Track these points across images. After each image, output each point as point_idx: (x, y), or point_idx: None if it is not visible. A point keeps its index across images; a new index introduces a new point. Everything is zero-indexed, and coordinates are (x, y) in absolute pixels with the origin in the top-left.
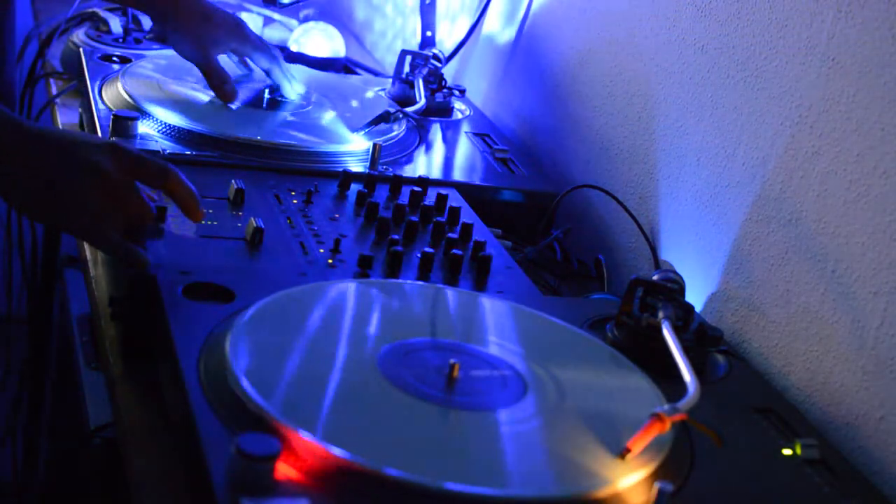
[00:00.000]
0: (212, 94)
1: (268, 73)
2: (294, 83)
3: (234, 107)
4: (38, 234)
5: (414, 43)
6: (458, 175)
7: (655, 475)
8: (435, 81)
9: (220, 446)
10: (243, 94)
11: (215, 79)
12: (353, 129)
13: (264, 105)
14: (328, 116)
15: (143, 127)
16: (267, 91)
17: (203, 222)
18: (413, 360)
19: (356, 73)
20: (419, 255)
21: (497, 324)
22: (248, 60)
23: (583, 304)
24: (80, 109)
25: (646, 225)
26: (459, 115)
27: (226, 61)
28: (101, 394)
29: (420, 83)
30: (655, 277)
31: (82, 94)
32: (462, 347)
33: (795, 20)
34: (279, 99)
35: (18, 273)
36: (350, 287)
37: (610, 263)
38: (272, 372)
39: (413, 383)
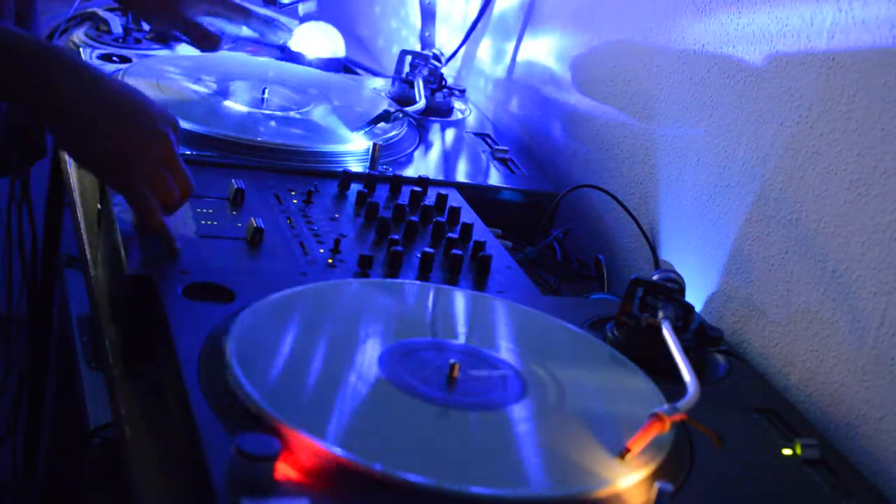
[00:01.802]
0: (209, 94)
1: (247, 26)
2: (276, 31)
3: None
4: (38, 234)
5: (414, 43)
6: (458, 175)
7: (655, 475)
8: (435, 81)
9: (220, 446)
10: (244, 95)
11: (194, 34)
12: (353, 129)
13: (264, 105)
14: (328, 116)
15: None
16: (265, 90)
17: (204, 223)
18: (413, 361)
19: (356, 73)
20: (419, 255)
21: (497, 324)
22: (225, 18)
23: (583, 304)
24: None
25: (646, 225)
26: (459, 115)
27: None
28: (101, 394)
29: (420, 83)
30: (655, 277)
31: None
32: (462, 347)
33: (795, 20)
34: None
35: (18, 273)
36: (350, 287)
37: (610, 263)
38: (272, 372)
39: (413, 383)
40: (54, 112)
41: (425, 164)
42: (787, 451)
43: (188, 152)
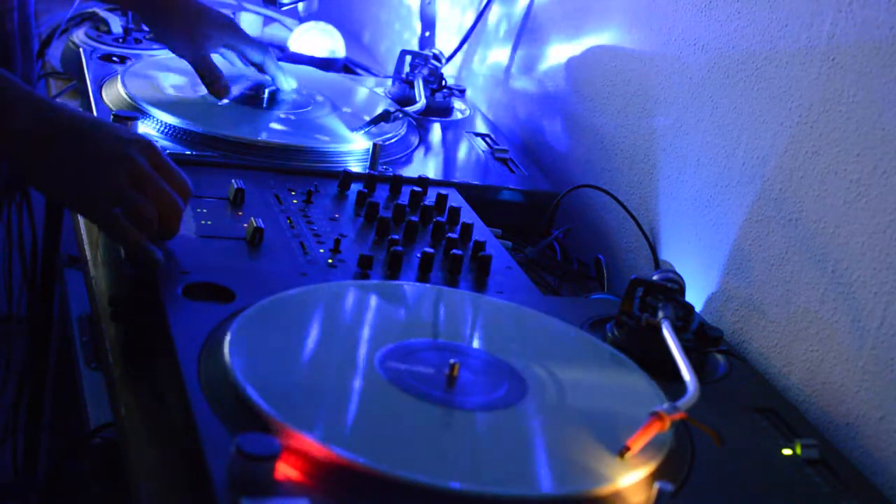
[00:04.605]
0: (209, 94)
1: (261, 66)
2: (287, 77)
3: (223, 102)
4: (38, 234)
5: (414, 43)
6: (458, 175)
7: (655, 475)
8: (435, 81)
9: (220, 446)
10: (237, 89)
11: (208, 76)
12: (353, 129)
13: (264, 104)
14: (328, 116)
15: (143, 127)
16: (266, 90)
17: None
18: (413, 361)
19: (356, 73)
20: (419, 255)
21: (497, 324)
22: (242, 55)
23: (583, 304)
24: (79, 109)
25: (646, 225)
26: (459, 115)
27: (220, 62)
28: (101, 394)
29: (420, 83)
30: (655, 277)
31: (82, 94)
32: (462, 348)
33: (795, 20)
34: (275, 95)
35: (18, 273)
36: (350, 287)
37: (610, 263)
38: (272, 372)
39: (413, 383)
40: (11, 144)
41: (425, 164)
42: (787, 451)
43: (188, 153)
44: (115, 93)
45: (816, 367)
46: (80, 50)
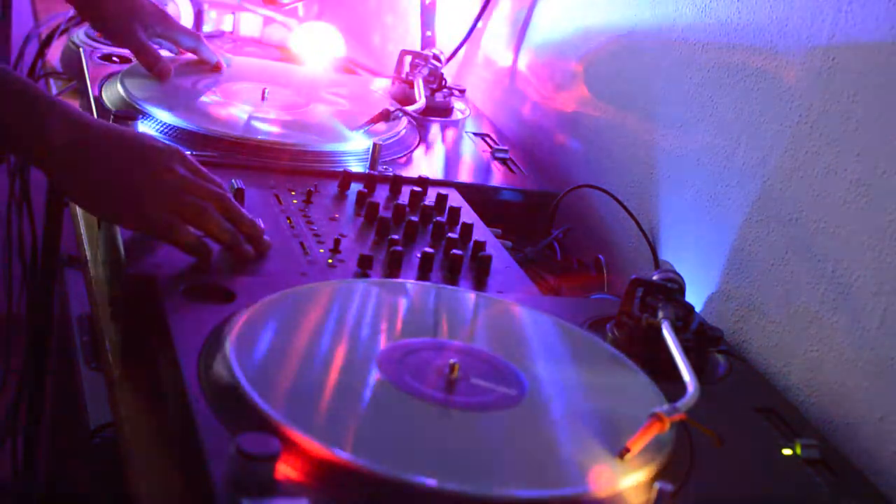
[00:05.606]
0: (211, 93)
1: (195, 50)
2: (223, 57)
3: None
4: (38, 234)
5: (414, 43)
6: (458, 175)
7: (655, 475)
8: (435, 81)
9: (220, 446)
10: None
11: (149, 57)
12: (353, 129)
13: (264, 104)
14: (328, 116)
15: (143, 127)
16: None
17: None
18: (413, 361)
19: (356, 73)
20: (419, 255)
21: (497, 324)
22: (176, 42)
23: (583, 304)
24: (79, 109)
25: (646, 225)
26: (459, 115)
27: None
28: (101, 394)
29: (420, 83)
30: (655, 277)
31: (82, 94)
32: (462, 348)
33: (795, 20)
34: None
35: (18, 273)
36: (350, 287)
37: (610, 263)
38: (272, 372)
39: (413, 383)
40: (54, 164)
41: (425, 164)
42: (787, 451)
43: (188, 152)
44: (115, 93)
45: (816, 367)
46: (80, 50)
